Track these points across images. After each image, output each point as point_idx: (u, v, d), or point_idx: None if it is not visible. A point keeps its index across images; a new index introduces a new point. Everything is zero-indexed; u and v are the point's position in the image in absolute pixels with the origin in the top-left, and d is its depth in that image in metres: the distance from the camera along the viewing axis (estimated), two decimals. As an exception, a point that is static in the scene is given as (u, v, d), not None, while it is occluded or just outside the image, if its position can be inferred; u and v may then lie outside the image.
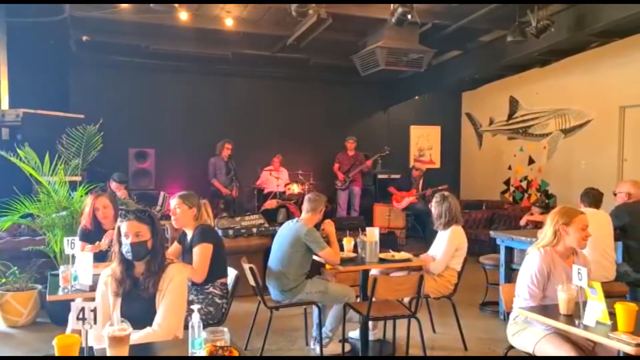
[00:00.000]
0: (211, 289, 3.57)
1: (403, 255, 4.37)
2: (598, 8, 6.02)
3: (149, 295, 2.54)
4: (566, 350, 2.75)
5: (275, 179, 8.69)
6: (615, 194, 5.14)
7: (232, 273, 3.70)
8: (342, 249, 4.35)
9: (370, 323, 4.21)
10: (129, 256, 2.57)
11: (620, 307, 2.43)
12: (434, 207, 4.48)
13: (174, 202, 3.67)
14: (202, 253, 3.50)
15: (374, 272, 4.39)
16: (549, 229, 3.07)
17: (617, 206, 5.01)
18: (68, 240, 3.34)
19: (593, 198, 4.69)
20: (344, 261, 4.15)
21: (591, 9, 6.11)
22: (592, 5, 6.07)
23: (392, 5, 5.68)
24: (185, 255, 3.69)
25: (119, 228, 2.61)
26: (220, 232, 5.82)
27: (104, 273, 2.67)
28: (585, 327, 2.52)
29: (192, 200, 3.65)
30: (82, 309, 2.01)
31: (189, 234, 3.67)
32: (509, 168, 10.08)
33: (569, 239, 3.02)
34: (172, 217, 3.69)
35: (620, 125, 7.95)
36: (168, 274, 2.58)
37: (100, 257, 3.73)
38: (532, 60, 8.68)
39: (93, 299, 2.48)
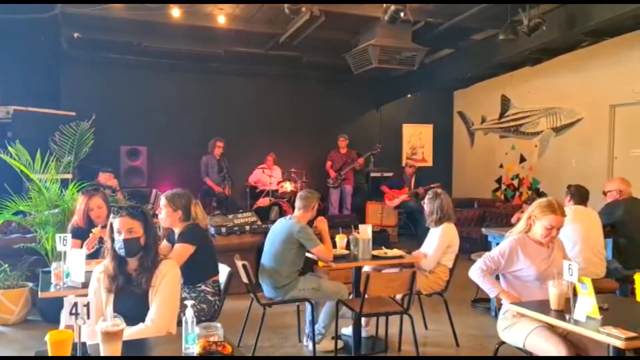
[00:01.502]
0: (203, 287, 3.57)
1: (395, 252, 4.39)
2: (588, 7, 6.06)
3: (142, 291, 2.54)
4: (555, 343, 2.78)
5: (268, 176, 8.69)
6: (605, 193, 5.17)
7: (225, 270, 3.70)
8: (334, 246, 4.36)
9: (362, 320, 4.22)
10: (122, 252, 2.57)
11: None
12: (426, 204, 4.50)
13: (161, 201, 3.67)
14: (179, 252, 3.50)
15: (366, 269, 4.40)
16: (525, 215, 3.22)
17: (608, 203, 5.04)
18: (60, 237, 3.32)
19: (579, 194, 4.71)
20: (337, 258, 4.15)
21: (582, 8, 6.15)
22: (582, 4, 6.11)
23: (384, 3, 5.69)
24: (173, 253, 3.68)
25: (111, 224, 2.61)
26: (212, 230, 5.83)
27: (96, 270, 2.67)
28: (576, 322, 2.54)
29: (178, 202, 3.62)
30: (75, 304, 2.00)
31: (177, 233, 3.66)
32: (501, 166, 10.14)
33: (535, 230, 3.16)
34: (159, 217, 3.69)
35: (611, 123, 8.02)
36: (161, 270, 2.58)
37: (94, 254, 3.72)
38: (523, 58, 8.73)
39: (86, 296, 2.47)
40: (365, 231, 4.20)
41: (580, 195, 4.72)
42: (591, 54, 8.11)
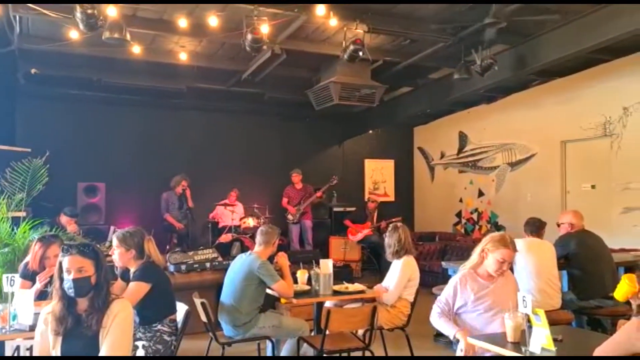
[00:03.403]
0: (159, 327, 3.47)
1: (356, 286, 4.38)
2: (536, 49, 6.35)
3: (92, 333, 2.45)
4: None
5: (230, 212, 8.61)
6: (558, 225, 5.31)
7: (182, 309, 3.61)
8: (295, 281, 4.34)
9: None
10: (71, 292, 2.48)
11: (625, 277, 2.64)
12: (387, 237, 4.54)
13: (113, 242, 3.60)
14: (133, 291, 3.43)
15: (328, 304, 4.37)
16: (478, 248, 3.28)
17: (561, 236, 5.17)
18: (7, 277, 3.18)
19: (534, 226, 4.83)
20: (298, 294, 4.13)
21: (530, 49, 6.44)
22: (531, 45, 6.40)
23: (344, 42, 5.83)
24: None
25: (60, 264, 2.52)
26: (172, 268, 5.72)
27: (43, 311, 2.56)
28: (531, 354, 2.57)
29: (130, 242, 3.55)
30: (17, 348, 1.91)
31: (132, 271, 3.58)
32: (460, 200, 10.32)
33: (487, 263, 3.23)
34: (112, 257, 3.62)
35: (562, 158, 8.31)
36: (112, 310, 2.50)
37: (43, 295, 3.57)
38: (478, 96, 9.01)
39: (32, 339, 2.36)
40: (326, 266, 4.20)
41: (534, 227, 4.83)
42: (543, 92, 8.45)
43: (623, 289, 2.68)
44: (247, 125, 9.99)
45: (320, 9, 5.29)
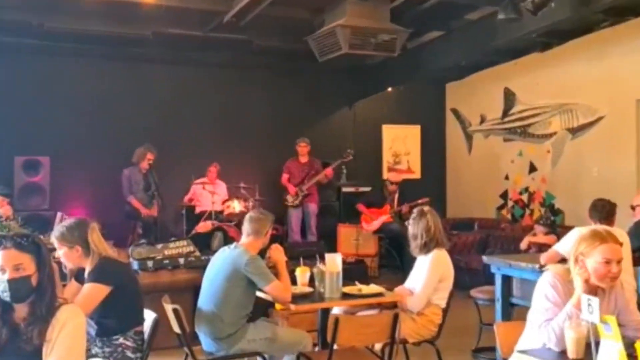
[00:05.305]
0: (122, 340, 3.50)
1: (372, 288, 4.38)
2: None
3: (33, 348, 2.46)
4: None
5: (209, 194, 8.60)
6: (633, 208, 5.27)
7: (150, 317, 3.64)
8: (294, 282, 4.33)
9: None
10: (5, 297, 2.49)
11: None
12: (410, 226, 4.53)
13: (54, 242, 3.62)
14: (87, 295, 3.45)
15: (335, 311, 4.39)
16: (570, 263, 3.08)
17: (637, 222, 5.14)
18: None
19: (603, 211, 4.80)
20: (297, 298, 4.12)
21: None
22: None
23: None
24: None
25: (-8, 260, 2.52)
26: (136, 265, 5.75)
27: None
28: (600, 375, 2.55)
29: (69, 237, 3.55)
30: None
31: (87, 270, 3.59)
32: (506, 178, 10.28)
33: (591, 273, 2.99)
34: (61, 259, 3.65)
35: (638, 122, 8.23)
36: (59, 319, 2.50)
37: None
38: (529, 43, 8.91)
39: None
40: (333, 262, 4.18)
41: (603, 212, 4.81)
42: (613, 37, 8.33)
43: None
44: (230, 82, 9.93)
45: None
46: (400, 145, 11.25)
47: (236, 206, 8.68)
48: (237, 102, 9.99)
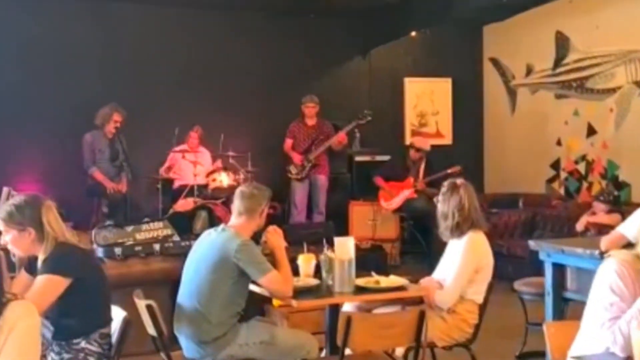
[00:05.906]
0: (84, 345, 3.53)
1: (393, 280, 4.39)
2: None
3: (-25, 354, 2.48)
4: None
5: (191, 164, 8.64)
6: None
7: (118, 317, 3.67)
8: (296, 272, 4.35)
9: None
10: (-60, 291, 2.50)
11: None
12: (440, 203, 4.53)
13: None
14: (41, 288, 3.46)
15: (347, 308, 4.43)
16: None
17: None
18: None
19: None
20: (300, 292, 4.14)
21: None
22: None
23: None
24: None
25: None
26: (100, 252, 5.78)
27: None
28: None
29: (19, 217, 3.55)
30: None
31: (40, 259, 3.61)
32: (559, 143, 10.26)
33: None
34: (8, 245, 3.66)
35: None
36: (7, 319, 2.50)
37: None
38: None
39: None
40: (345, 248, 4.20)
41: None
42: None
43: None
44: (214, 24, 9.94)
45: None
46: (427, 104, 11.24)
47: (224, 179, 8.71)
48: (223, 50, 10.00)
